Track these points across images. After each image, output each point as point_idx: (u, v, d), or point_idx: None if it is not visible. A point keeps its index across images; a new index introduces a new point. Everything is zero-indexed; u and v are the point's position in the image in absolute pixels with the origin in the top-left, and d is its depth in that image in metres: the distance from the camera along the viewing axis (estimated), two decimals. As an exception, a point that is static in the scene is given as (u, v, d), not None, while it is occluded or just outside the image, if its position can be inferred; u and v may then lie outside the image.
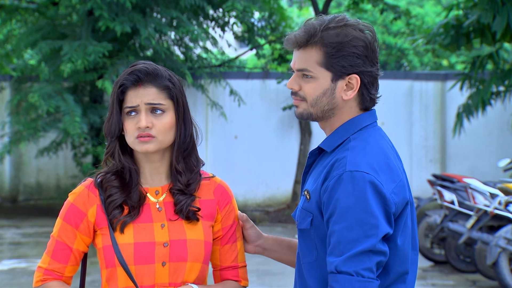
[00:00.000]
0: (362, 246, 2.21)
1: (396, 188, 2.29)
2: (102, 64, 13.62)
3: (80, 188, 2.56)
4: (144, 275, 2.46)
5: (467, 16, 10.70)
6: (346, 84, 2.37)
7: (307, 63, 2.36)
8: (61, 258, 2.52)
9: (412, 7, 22.94)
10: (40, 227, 13.46)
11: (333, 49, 2.34)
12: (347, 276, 2.21)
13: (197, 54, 15.45)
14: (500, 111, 14.22)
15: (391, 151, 2.39)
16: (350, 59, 2.34)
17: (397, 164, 2.37)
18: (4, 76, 15.71)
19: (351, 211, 2.23)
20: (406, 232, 2.33)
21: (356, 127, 2.39)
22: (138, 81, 2.48)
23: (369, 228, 2.22)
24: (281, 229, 13.71)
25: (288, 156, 14.99)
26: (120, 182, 2.51)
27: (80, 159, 14.64)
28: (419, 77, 14.98)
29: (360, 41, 2.36)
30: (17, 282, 9.01)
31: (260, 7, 14.99)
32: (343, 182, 2.26)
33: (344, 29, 2.36)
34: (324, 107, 2.38)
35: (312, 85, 2.37)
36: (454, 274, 9.63)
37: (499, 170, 12.79)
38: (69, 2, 13.57)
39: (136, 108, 2.47)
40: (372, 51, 2.38)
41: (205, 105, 15.05)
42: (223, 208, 2.61)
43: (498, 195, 8.94)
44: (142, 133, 2.46)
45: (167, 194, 2.54)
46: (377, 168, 2.28)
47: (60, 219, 2.54)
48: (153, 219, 2.50)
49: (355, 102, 2.41)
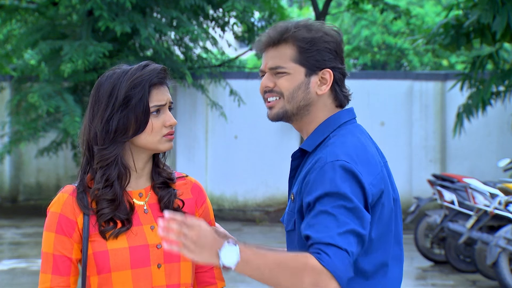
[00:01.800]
0: (350, 226, 2.23)
1: (374, 180, 2.32)
2: (102, 64, 13.62)
3: (63, 196, 2.48)
4: (140, 278, 2.44)
5: (467, 16, 10.70)
6: (320, 79, 2.40)
7: (281, 60, 2.40)
8: (63, 271, 2.45)
9: (412, 7, 22.94)
10: (40, 227, 13.46)
11: (306, 44, 2.38)
12: (338, 249, 2.21)
13: (197, 54, 15.45)
14: (500, 111, 14.21)
15: (371, 147, 2.41)
16: (323, 53, 2.39)
17: (377, 159, 2.39)
18: (4, 76, 15.71)
19: (336, 196, 2.25)
20: (381, 225, 2.34)
21: (334, 124, 2.42)
22: (164, 79, 2.49)
23: (355, 212, 2.25)
24: (281, 229, 13.71)
25: (288, 156, 14.89)
26: (112, 194, 2.45)
27: (80, 159, 14.61)
28: (419, 77, 14.98)
29: (331, 37, 2.41)
30: (17, 282, 9.00)
31: (260, 7, 15.00)
32: (326, 172, 2.28)
33: (314, 26, 2.41)
34: (300, 102, 2.40)
35: (286, 79, 2.40)
36: (454, 274, 9.63)
37: (499, 170, 12.79)
38: (69, 2, 13.57)
39: (163, 106, 2.47)
40: (341, 50, 2.43)
41: (205, 105, 15.05)
42: (200, 206, 2.61)
43: (498, 195, 8.94)
44: (171, 131, 2.47)
45: (151, 195, 2.53)
46: (356, 159, 2.31)
47: (51, 233, 2.45)
48: (142, 222, 2.49)
49: (329, 98, 2.44)
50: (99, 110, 2.46)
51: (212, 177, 14.91)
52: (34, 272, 9.55)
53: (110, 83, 2.46)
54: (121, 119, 2.44)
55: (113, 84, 2.45)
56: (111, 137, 2.46)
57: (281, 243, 12.22)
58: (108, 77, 2.48)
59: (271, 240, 12.41)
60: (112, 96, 2.44)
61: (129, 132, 2.45)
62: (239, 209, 15.05)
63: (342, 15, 23.77)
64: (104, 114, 2.45)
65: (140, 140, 2.46)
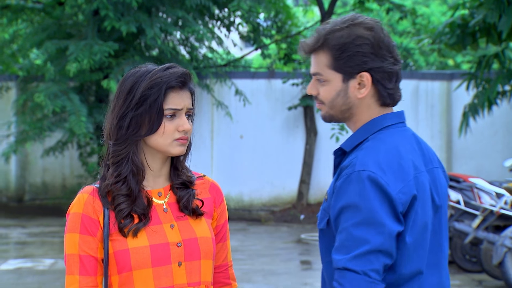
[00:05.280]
0: (370, 245, 2.24)
1: (405, 187, 2.30)
2: (107, 64, 13.64)
3: (83, 196, 2.48)
4: (161, 276, 2.45)
5: (473, 16, 10.68)
6: (359, 82, 2.41)
7: (319, 67, 2.43)
8: (90, 271, 2.44)
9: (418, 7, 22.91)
10: (46, 226, 13.48)
11: (337, 51, 2.39)
12: (354, 274, 2.23)
13: (203, 54, 15.46)
14: (506, 111, 14.19)
15: (411, 153, 2.40)
16: (355, 58, 2.38)
17: (414, 165, 2.37)
18: (10, 76, 15.74)
19: (358, 210, 2.26)
20: (415, 232, 2.33)
21: (376, 126, 2.43)
22: (183, 84, 2.48)
23: (376, 227, 2.25)
24: (287, 229, 13.71)
25: (294, 155, 14.99)
26: (127, 189, 2.47)
27: (85, 158, 14.66)
28: (425, 76, 14.96)
29: (364, 39, 2.39)
30: (23, 282, 9.02)
31: (265, 7, 15.00)
32: (351, 182, 2.30)
33: (348, 30, 2.40)
34: (341, 107, 2.43)
35: (326, 88, 2.44)
36: (460, 274, 9.62)
37: (505, 169, 12.77)
38: (75, 2, 13.59)
39: (179, 111, 2.48)
40: (379, 47, 2.40)
41: (210, 105, 15.05)
42: (218, 206, 2.63)
43: (504, 195, 8.93)
44: (184, 136, 2.48)
45: (170, 194, 2.54)
46: (385, 167, 2.30)
47: (75, 234, 2.45)
48: (162, 220, 2.50)
49: (372, 99, 2.44)
50: (117, 106, 2.48)
51: (217, 177, 14.91)
52: (40, 272, 9.57)
53: (131, 80, 2.47)
54: (135, 117, 2.45)
55: (134, 82, 2.47)
56: (124, 134, 2.47)
57: (286, 243, 12.22)
58: (131, 74, 2.50)
59: (276, 240, 12.41)
60: (130, 94, 2.46)
61: (142, 131, 2.45)
62: (244, 209, 15.05)
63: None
64: (120, 111, 2.47)
65: (152, 141, 2.47)
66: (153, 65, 2.52)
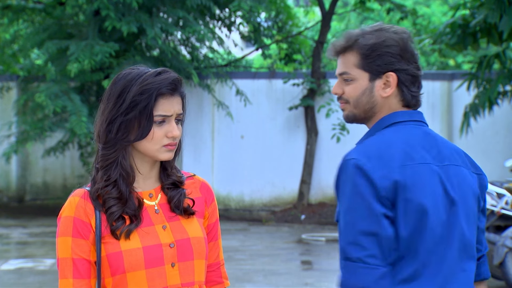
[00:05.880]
0: (359, 227, 2.31)
1: (387, 173, 2.35)
2: (108, 64, 13.64)
3: (74, 199, 2.47)
4: (155, 278, 2.46)
5: (473, 16, 10.68)
6: (384, 82, 2.50)
7: (346, 67, 2.53)
8: (83, 274, 2.45)
9: (419, 7, 22.92)
10: (47, 226, 13.48)
11: (367, 50, 2.49)
12: (350, 263, 2.31)
13: (204, 54, 15.47)
14: (507, 111, 14.19)
15: (416, 146, 2.45)
16: (384, 58, 2.49)
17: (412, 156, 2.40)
18: (11, 76, 15.75)
19: (346, 196, 2.36)
20: (409, 221, 2.35)
21: (384, 123, 2.51)
22: (174, 91, 2.48)
23: (362, 210, 2.33)
24: (288, 229, 13.71)
25: (295, 156, 14.99)
26: (117, 192, 2.47)
27: (86, 158, 14.67)
28: (425, 76, 14.95)
29: (393, 41, 2.50)
30: (23, 282, 9.02)
31: (266, 7, 15.00)
32: (340, 170, 2.41)
33: (377, 33, 2.52)
34: (365, 106, 2.52)
35: (352, 87, 2.53)
36: (460, 274, 9.61)
37: (506, 170, 12.76)
38: (76, 2, 13.59)
39: (168, 117, 2.47)
40: (406, 51, 2.50)
41: (211, 105, 15.05)
42: (209, 205, 2.63)
43: (505, 195, 8.92)
44: (173, 142, 2.47)
45: (161, 195, 2.54)
46: (372, 155, 2.38)
47: (67, 237, 2.45)
48: (154, 222, 2.50)
49: (395, 99, 2.53)
50: (107, 109, 2.47)
51: (218, 177, 14.91)
52: (41, 272, 9.57)
53: (122, 84, 2.46)
54: (124, 122, 2.44)
55: (124, 85, 2.45)
56: (113, 138, 2.46)
57: (287, 243, 12.21)
58: (123, 77, 2.48)
59: (277, 240, 12.41)
60: (121, 98, 2.44)
61: (131, 136, 2.45)
62: (245, 209, 15.05)
63: (349, 15, 23.76)
64: (109, 114, 2.46)
65: (141, 146, 2.47)
66: (146, 67, 2.50)
